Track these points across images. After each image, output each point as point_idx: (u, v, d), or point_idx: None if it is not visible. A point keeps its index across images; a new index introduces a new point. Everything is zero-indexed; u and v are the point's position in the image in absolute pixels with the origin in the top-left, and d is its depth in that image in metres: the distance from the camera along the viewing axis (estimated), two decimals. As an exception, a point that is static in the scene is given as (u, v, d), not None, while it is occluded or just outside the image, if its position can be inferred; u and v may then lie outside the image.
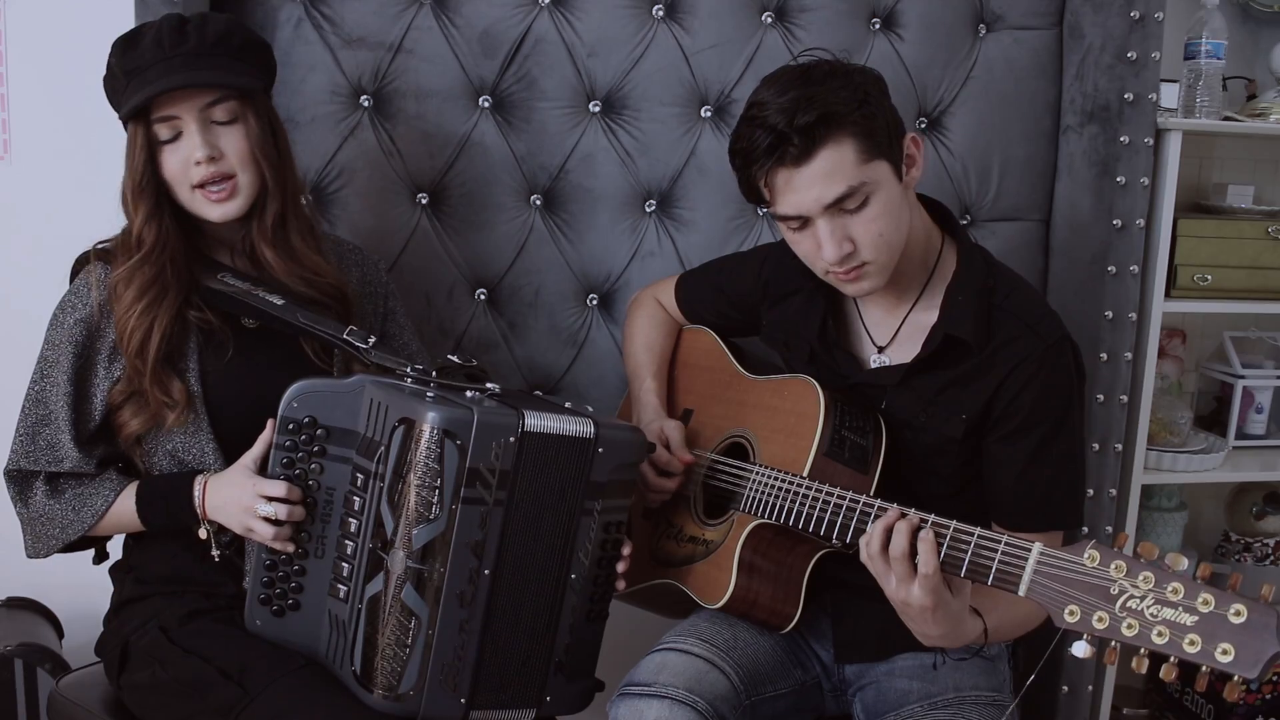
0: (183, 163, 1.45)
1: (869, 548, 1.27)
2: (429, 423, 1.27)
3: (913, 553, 1.24)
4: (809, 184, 1.35)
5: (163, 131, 1.45)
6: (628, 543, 1.45)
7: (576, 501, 1.38)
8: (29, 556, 1.51)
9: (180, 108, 1.44)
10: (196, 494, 1.44)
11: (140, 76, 1.42)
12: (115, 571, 1.59)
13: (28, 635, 1.89)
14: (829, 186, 1.35)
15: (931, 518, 1.25)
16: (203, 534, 1.45)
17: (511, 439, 1.30)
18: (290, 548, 1.39)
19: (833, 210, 1.36)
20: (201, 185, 1.45)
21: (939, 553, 1.22)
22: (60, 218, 1.99)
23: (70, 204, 1.98)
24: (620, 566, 1.45)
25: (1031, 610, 1.38)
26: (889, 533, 1.26)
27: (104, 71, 1.49)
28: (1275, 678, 2.39)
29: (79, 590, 1.70)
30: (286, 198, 1.53)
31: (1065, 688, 2.06)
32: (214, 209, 1.47)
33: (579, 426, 1.36)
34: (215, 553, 1.46)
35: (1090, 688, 2.06)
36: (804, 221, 1.39)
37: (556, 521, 1.37)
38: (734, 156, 1.42)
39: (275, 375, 1.44)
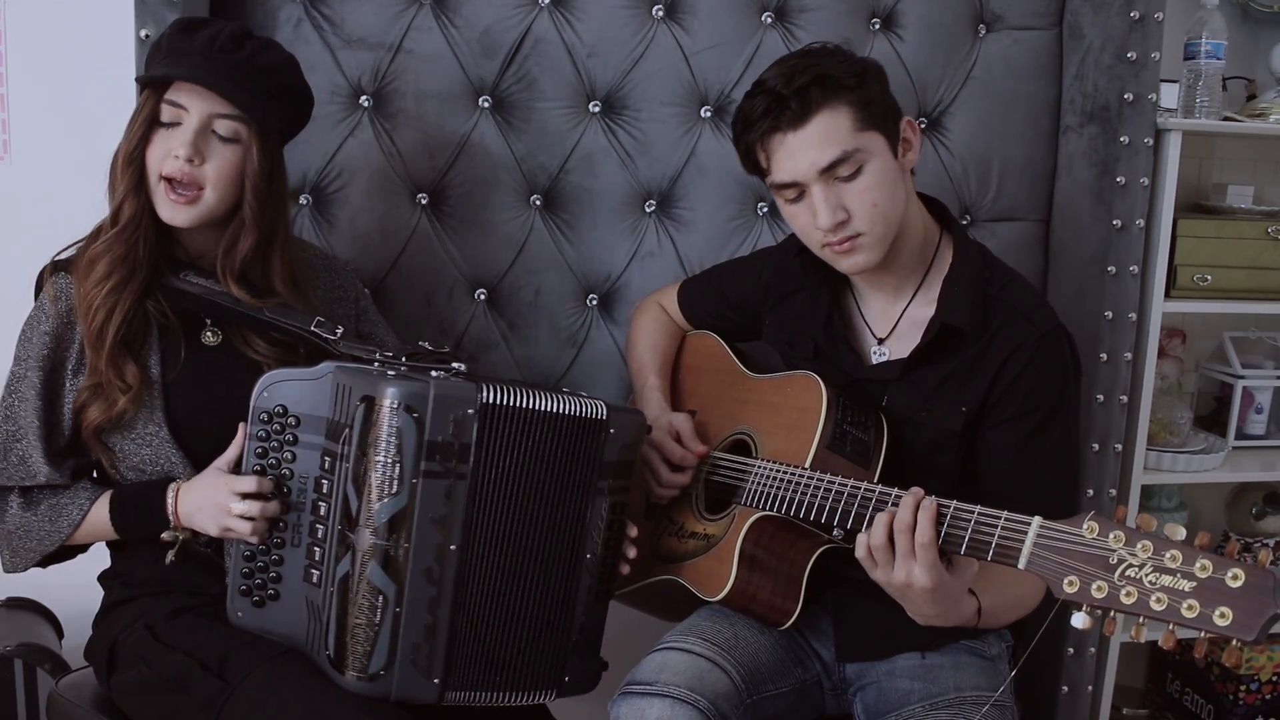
0: (165, 152, 1.44)
1: (872, 537, 1.27)
2: (388, 397, 1.28)
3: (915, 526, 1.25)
4: (804, 147, 1.40)
5: (166, 112, 1.44)
6: (631, 526, 1.47)
7: (587, 481, 1.39)
8: (6, 571, 1.50)
9: (192, 102, 1.44)
10: (169, 502, 1.44)
11: (178, 58, 1.43)
12: (104, 578, 1.59)
13: (28, 635, 1.89)
14: (824, 150, 1.39)
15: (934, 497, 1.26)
16: (167, 537, 1.44)
17: (470, 410, 1.31)
18: (255, 539, 1.39)
19: (827, 176, 1.40)
20: (169, 180, 1.44)
21: (939, 524, 1.23)
22: (60, 218, 1.96)
23: (70, 204, 1.97)
24: (631, 552, 1.47)
25: (1024, 593, 1.42)
26: (891, 516, 1.26)
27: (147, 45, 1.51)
28: (1276, 678, 2.39)
29: (79, 590, 1.70)
30: (266, 239, 1.51)
31: (1065, 688, 2.06)
32: (166, 207, 1.46)
33: (571, 405, 1.37)
34: (170, 555, 1.45)
35: (1090, 688, 2.06)
36: (800, 191, 1.43)
37: (560, 500, 1.38)
38: (735, 125, 1.47)
39: (237, 391, 1.43)
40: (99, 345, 1.44)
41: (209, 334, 1.53)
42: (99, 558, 1.60)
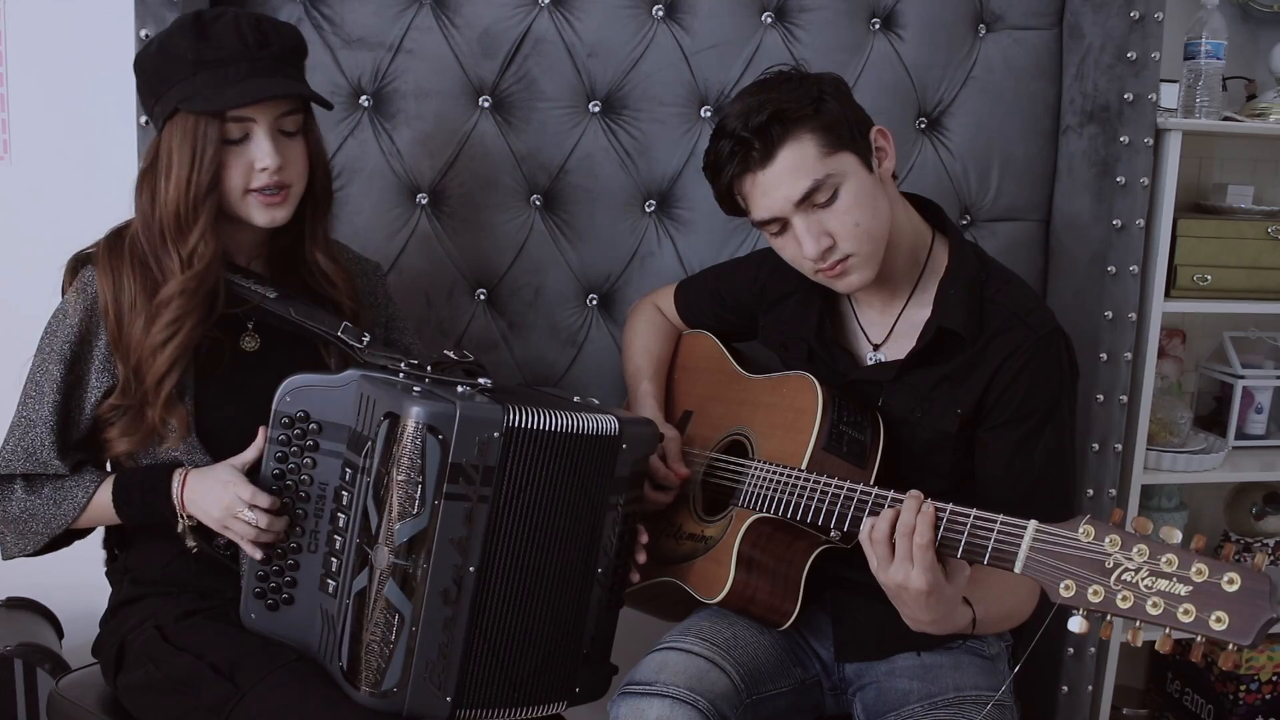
0: (245, 167, 1.41)
1: (874, 530, 1.27)
2: (413, 418, 1.27)
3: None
4: (776, 184, 1.40)
5: (234, 131, 1.40)
6: (643, 532, 1.47)
7: (601, 497, 1.39)
8: (7, 557, 1.49)
9: (257, 110, 1.40)
10: (175, 486, 1.42)
11: (221, 71, 1.38)
12: (112, 574, 1.59)
13: (28, 635, 1.89)
14: (795, 183, 1.39)
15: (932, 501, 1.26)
16: (180, 529, 1.43)
17: (496, 434, 1.29)
18: (259, 554, 1.39)
19: (805, 207, 1.41)
20: (259, 190, 1.43)
21: (936, 528, 1.23)
22: (60, 218, 1.99)
23: (70, 204, 1.99)
24: (641, 558, 1.47)
25: (1019, 603, 1.43)
26: (896, 514, 1.26)
27: (145, 53, 1.43)
28: (1276, 678, 2.39)
29: (79, 590, 1.70)
30: (326, 209, 1.55)
31: (1065, 688, 2.06)
32: (264, 213, 1.44)
33: (588, 424, 1.36)
34: (192, 544, 1.44)
35: (1090, 688, 2.06)
36: (782, 224, 1.44)
37: (575, 518, 1.37)
38: (706, 171, 1.49)
39: (271, 398, 1.42)
40: (155, 394, 1.42)
41: (249, 339, 1.52)
42: (100, 559, 1.61)
